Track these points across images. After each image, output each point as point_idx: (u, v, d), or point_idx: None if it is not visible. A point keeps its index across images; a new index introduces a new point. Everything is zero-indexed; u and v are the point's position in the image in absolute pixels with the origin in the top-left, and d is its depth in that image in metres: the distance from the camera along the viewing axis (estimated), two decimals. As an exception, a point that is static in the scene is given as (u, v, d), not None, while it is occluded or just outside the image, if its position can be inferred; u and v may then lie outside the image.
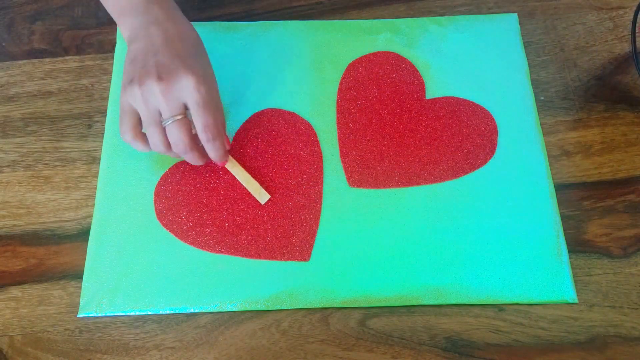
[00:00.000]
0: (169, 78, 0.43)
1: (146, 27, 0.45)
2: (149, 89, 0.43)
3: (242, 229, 0.48)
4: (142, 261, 0.46)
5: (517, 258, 0.46)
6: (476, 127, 0.52)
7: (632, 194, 0.50)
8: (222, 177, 0.49)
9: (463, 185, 0.49)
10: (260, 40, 0.56)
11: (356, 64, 0.55)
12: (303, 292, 0.46)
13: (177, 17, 0.47)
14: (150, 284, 0.46)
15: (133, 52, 0.45)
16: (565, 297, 0.45)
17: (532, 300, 0.45)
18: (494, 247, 0.47)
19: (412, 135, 0.51)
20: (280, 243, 0.47)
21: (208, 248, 0.47)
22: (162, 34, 0.44)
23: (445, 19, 0.57)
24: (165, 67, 0.43)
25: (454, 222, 0.48)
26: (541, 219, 0.48)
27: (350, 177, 0.50)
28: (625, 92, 0.54)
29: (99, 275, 0.46)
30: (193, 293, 0.45)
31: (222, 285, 0.46)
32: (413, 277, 0.46)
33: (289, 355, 0.44)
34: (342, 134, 0.52)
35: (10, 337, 0.45)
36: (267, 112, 0.53)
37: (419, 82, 0.54)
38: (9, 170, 0.51)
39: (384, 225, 0.48)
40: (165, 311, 0.45)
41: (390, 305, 0.45)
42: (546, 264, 0.46)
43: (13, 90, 0.54)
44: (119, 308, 0.45)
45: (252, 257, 0.47)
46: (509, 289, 0.46)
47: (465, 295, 0.45)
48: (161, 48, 0.44)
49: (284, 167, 0.50)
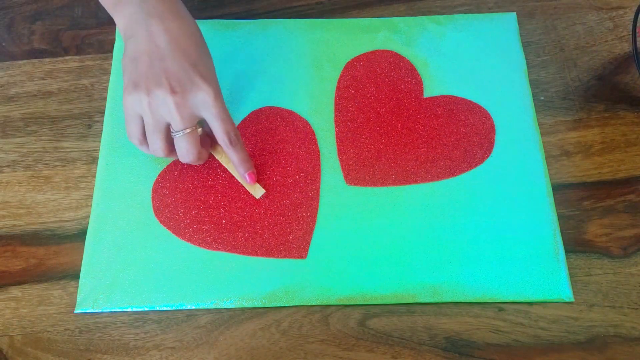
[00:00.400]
0: (184, 92, 0.42)
1: (145, 20, 0.42)
2: (159, 101, 0.42)
3: (239, 226, 0.48)
4: (139, 258, 0.47)
5: (513, 256, 0.47)
6: (474, 125, 0.52)
7: (632, 194, 0.50)
8: (220, 174, 0.50)
9: (460, 184, 0.49)
10: (259, 38, 0.56)
11: (354, 62, 0.55)
12: (300, 290, 0.46)
13: (177, 8, 0.44)
14: (147, 281, 0.46)
15: (133, 50, 0.43)
16: (562, 295, 0.45)
17: (528, 298, 0.45)
18: (490, 245, 0.47)
19: (409, 133, 0.51)
20: (277, 240, 0.47)
21: (205, 245, 0.47)
22: (165, 33, 0.42)
23: (443, 18, 0.57)
24: (177, 77, 0.42)
25: (451, 220, 0.48)
26: (538, 218, 0.48)
27: (348, 175, 0.50)
28: (625, 92, 0.54)
29: (96, 271, 0.46)
30: (190, 290, 0.45)
31: (219, 282, 0.46)
32: (410, 275, 0.46)
33: (289, 355, 0.44)
34: (339, 132, 0.52)
35: (10, 337, 0.45)
36: (265, 110, 0.53)
37: (417, 80, 0.54)
38: (9, 170, 0.51)
39: (381, 223, 0.48)
40: (162, 307, 0.45)
41: (387, 303, 0.45)
42: (543, 263, 0.46)
43: (13, 90, 0.54)
44: (116, 304, 0.45)
45: (249, 254, 0.47)
46: (505, 287, 0.46)
47: (462, 294, 0.45)
48: (167, 52, 0.42)
49: (281, 164, 0.50)
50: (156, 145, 0.45)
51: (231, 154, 0.46)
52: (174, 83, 0.42)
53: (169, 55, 0.42)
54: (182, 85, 0.42)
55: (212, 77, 0.44)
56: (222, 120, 0.44)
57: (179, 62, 0.42)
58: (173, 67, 0.42)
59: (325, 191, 0.49)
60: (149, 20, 0.42)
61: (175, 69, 0.42)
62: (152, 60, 0.42)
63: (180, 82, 0.42)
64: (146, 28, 0.42)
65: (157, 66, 0.42)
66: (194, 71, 0.42)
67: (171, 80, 0.42)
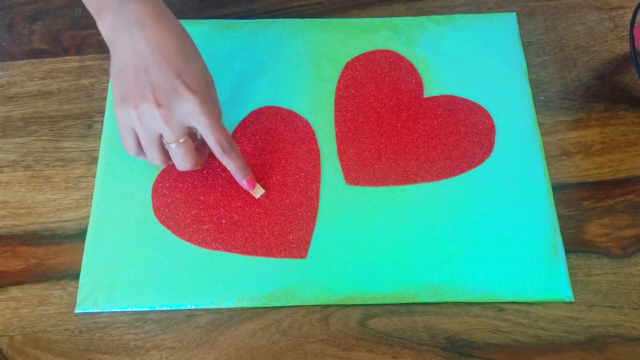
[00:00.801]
0: (169, 104, 0.41)
1: (126, 30, 0.41)
2: (147, 115, 0.42)
3: (239, 226, 0.48)
4: (139, 258, 0.47)
5: (513, 256, 0.47)
6: (474, 125, 0.52)
7: (632, 194, 0.50)
8: (220, 174, 0.50)
9: (460, 184, 0.49)
10: (259, 38, 0.56)
11: (354, 62, 0.55)
12: (300, 290, 0.46)
13: (158, 12, 0.42)
14: (147, 281, 0.46)
15: (118, 63, 0.42)
16: (562, 295, 0.45)
17: (528, 298, 0.45)
18: (490, 245, 0.47)
19: (409, 133, 0.51)
20: (277, 240, 0.47)
21: (205, 245, 0.47)
22: (147, 42, 0.41)
23: (444, 18, 0.57)
24: (161, 89, 0.41)
25: (451, 220, 0.48)
26: (538, 218, 0.48)
27: (348, 175, 0.50)
28: (625, 92, 0.54)
29: (97, 271, 0.46)
30: (190, 290, 0.45)
31: (219, 282, 0.46)
32: (410, 274, 0.46)
33: (289, 355, 0.44)
34: (339, 131, 0.52)
35: (10, 337, 0.45)
36: (265, 110, 0.53)
37: (417, 80, 0.54)
38: (9, 170, 0.51)
39: (380, 223, 0.48)
40: (162, 307, 0.45)
41: (387, 302, 0.45)
42: (543, 262, 0.46)
43: (13, 90, 0.54)
44: (116, 304, 0.45)
45: (249, 254, 0.47)
46: (505, 287, 0.46)
47: (462, 293, 0.45)
48: (151, 63, 0.41)
49: (281, 164, 0.50)
50: (153, 156, 0.45)
51: (226, 162, 0.45)
52: (158, 95, 0.41)
53: (152, 67, 0.41)
54: (167, 97, 0.41)
55: (198, 85, 0.43)
56: (212, 128, 0.43)
57: (164, 72, 0.41)
58: (157, 78, 0.41)
59: (325, 191, 0.49)
60: (130, 30, 0.42)
61: (159, 81, 0.41)
62: (137, 73, 0.42)
63: (165, 94, 0.41)
64: (128, 39, 0.42)
65: (142, 79, 0.41)
66: (179, 81, 0.42)
67: (156, 92, 0.41)
